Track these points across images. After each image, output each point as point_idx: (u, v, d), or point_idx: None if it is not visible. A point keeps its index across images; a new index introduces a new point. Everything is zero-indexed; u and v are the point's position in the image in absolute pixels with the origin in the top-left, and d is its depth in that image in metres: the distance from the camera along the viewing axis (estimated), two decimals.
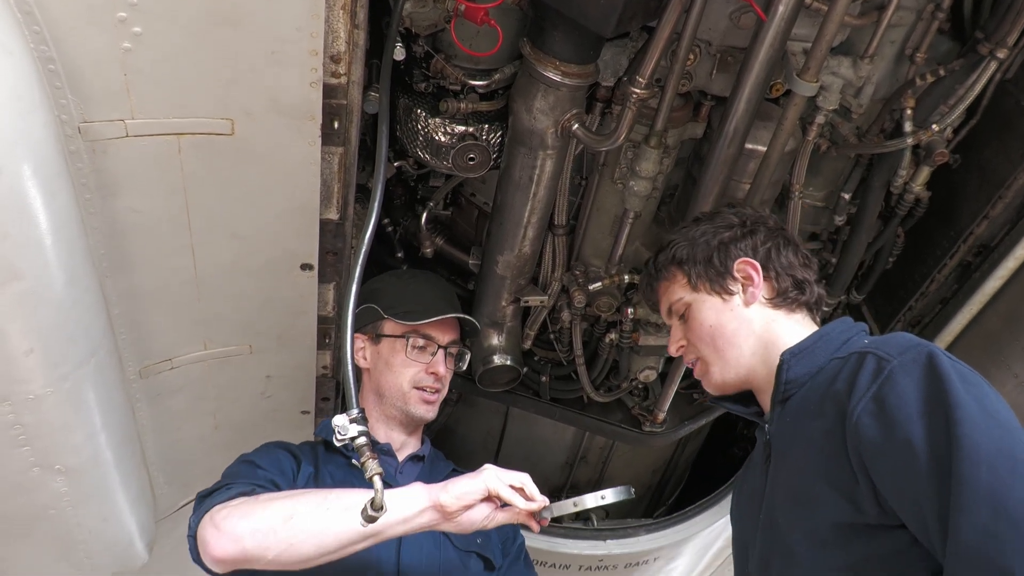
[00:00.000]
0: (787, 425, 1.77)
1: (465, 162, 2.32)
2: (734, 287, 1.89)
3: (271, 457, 2.29)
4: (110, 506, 2.44)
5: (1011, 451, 1.39)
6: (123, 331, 2.22)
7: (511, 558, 2.44)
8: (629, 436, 3.33)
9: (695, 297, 1.93)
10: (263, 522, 1.88)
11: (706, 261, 1.91)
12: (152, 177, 1.92)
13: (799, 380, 1.77)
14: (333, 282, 2.39)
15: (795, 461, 1.71)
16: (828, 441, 1.61)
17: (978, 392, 1.49)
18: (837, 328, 1.83)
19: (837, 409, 1.60)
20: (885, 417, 1.51)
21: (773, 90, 2.26)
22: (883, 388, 1.54)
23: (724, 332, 1.87)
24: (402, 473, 2.42)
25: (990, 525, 1.32)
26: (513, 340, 2.91)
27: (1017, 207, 2.54)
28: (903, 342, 1.62)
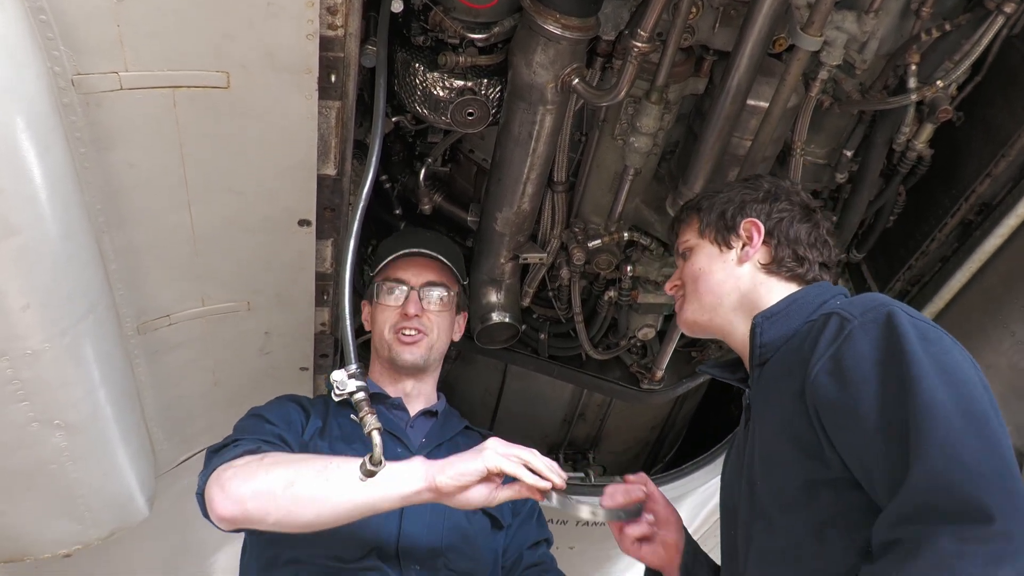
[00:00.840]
0: (763, 387, 1.80)
1: (464, 117, 2.30)
2: (734, 243, 1.95)
3: (281, 411, 2.32)
4: (110, 461, 2.46)
5: (967, 407, 1.40)
6: (120, 287, 2.22)
7: (522, 517, 2.45)
8: (627, 394, 3.35)
9: (699, 242, 2.01)
10: (265, 486, 1.92)
11: (720, 214, 1.98)
12: (147, 131, 1.90)
13: (774, 344, 1.80)
14: (331, 239, 2.38)
15: (767, 424, 1.74)
16: (795, 402, 1.64)
17: (937, 349, 1.50)
18: (812, 292, 1.85)
19: (802, 369, 1.63)
20: (841, 375, 1.54)
21: (776, 45, 2.23)
22: (841, 347, 1.57)
23: (709, 278, 1.95)
24: (413, 427, 2.43)
25: (944, 473, 1.33)
26: (512, 297, 2.91)
27: (1020, 165, 2.52)
28: (867, 302, 1.65)
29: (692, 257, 2.01)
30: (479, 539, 2.30)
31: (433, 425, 2.48)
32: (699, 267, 1.98)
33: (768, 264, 1.91)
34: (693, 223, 2.04)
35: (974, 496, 1.30)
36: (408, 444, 2.35)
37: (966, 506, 1.30)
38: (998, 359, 2.59)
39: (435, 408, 2.53)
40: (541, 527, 2.51)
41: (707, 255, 1.98)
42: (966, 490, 1.31)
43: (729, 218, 1.96)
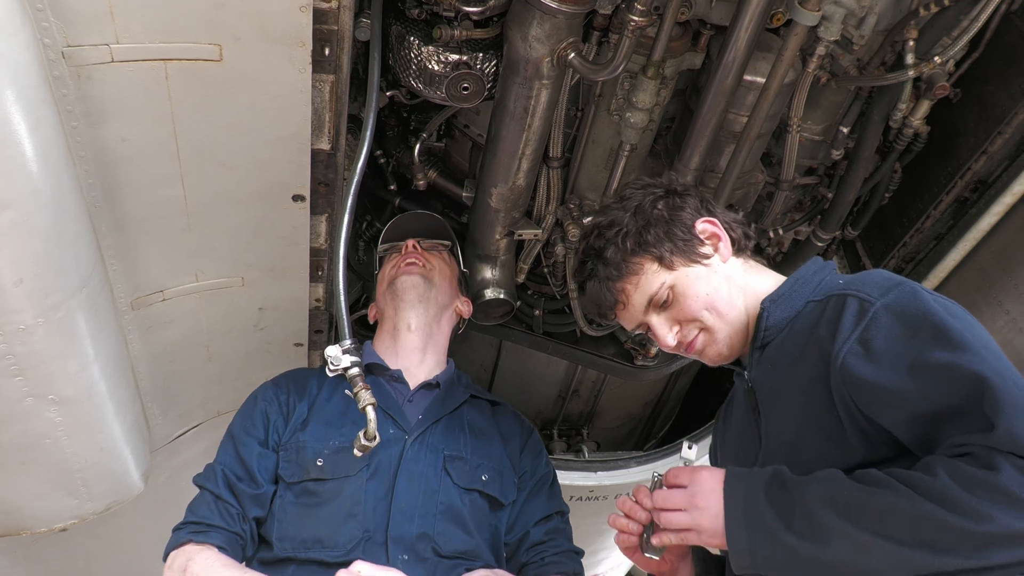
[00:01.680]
0: (768, 371, 1.78)
1: (459, 92, 2.28)
2: (706, 250, 1.84)
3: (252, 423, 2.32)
4: (105, 436, 2.46)
5: (1013, 376, 1.44)
6: (114, 262, 2.21)
7: (530, 491, 2.41)
8: (621, 370, 3.36)
9: (677, 275, 1.82)
10: None
11: (668, 236, 1.83)
12: (139, 104, 1.88)
13: (778, 326, 1.77)
14: (325, 214, 2.37)
15: (784, 409, 1.73)
16: (813, 387, 1.63)
17: (964, 324, 1.53)
18: (810, 270, 1.83)
19: (821, 354, 1.61)
20: (873, 356, 1.54)
21: (774, 20, 2.21)
22: (868, 330, 1.56)
23: (721, 295, 1.81)
24: (411, 402, 2.40)
25: (1022, 428, 1.35)
26: (506, 274, 2.90)
27: (1016, 143, 2.52)
28: (882, 281, 1.63)
29: (683, 292, 1.81)
30: (475, 519, 2.27)
31: (434, 399, 2.42)
32: (704, 293, 1.80)
33: (738, 251, 1.89)
34: (646, 267, 1.83)
35: None
36: (402, 423, 2.31)
37: None
38: (992, 336, 2.60)
39: (436, 379, 2.46)
40: (552, 500, 2.45)
41: (698, 278, 1.82)
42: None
43: (682, 233, 1.83)
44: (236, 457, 2.26)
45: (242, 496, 2.20)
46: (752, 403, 1.83)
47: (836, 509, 1.47)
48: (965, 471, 1.37)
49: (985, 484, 1.34)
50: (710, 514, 1.64)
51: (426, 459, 2.28)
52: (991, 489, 1.34)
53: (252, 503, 2.21)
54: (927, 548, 1.38)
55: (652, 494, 1.77)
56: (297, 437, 2.28)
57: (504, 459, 2.40)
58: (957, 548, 1.37)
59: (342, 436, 2.24)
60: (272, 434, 2.30)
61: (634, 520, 1.83)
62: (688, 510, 1.67)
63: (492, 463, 2.37)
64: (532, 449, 2.49)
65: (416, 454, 2.28)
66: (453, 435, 2.36)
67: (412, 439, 2.29)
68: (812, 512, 1.50)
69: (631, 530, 1.83)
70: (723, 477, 1.66)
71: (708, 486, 1.66)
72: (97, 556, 3.35)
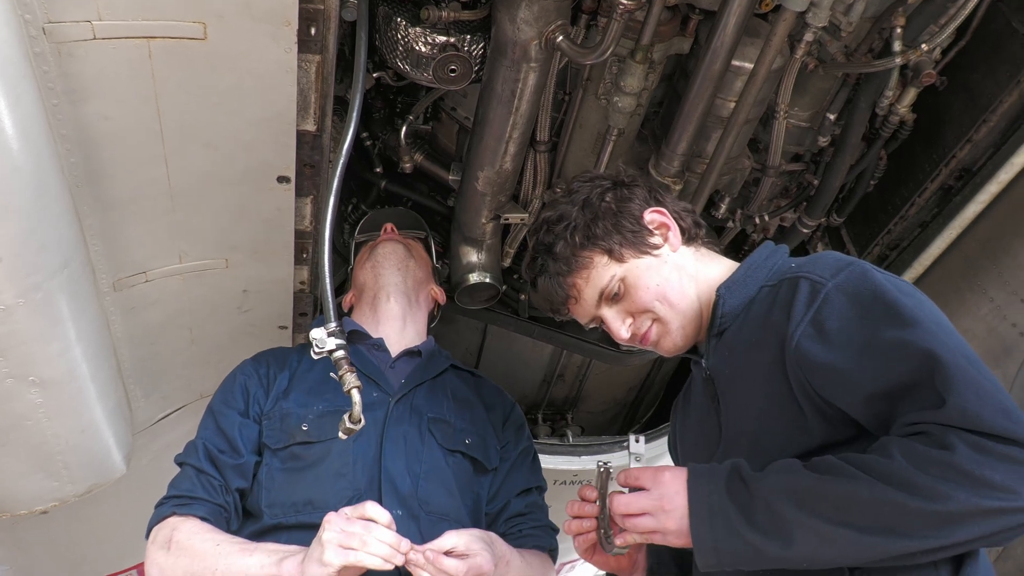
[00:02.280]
0: (725, 359, 1.78)
1: (446, 74, 2.26)
2: (655, 240, 1.84)
3: (231, 395, 2.31)
4: (87, 418, 2.44)
5: (964, 351, 1.45)
6: (96, 243, 2.19)
7: (512, 462, 2.43)
8: (606, 355, 3.36)
9: (627, 267, 1.81)
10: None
11: (617, 229, 1.82)
12: (122, 83, 1.86)
13: (733, 312, 1.77)
14: (310, 196, 2.35)
15: (744, 396, 1.73)
16: (772, 371, 1.63)
17: (914, 301, 1.54)
18: (762, 255, 1.82)
19: (777, 338, 1.62)
20: (826, 337, 1.54)
21: (762, 5, 2.21)
22: (821, 311, 1.56)
23: (672, 285, 1.81)
24: (393, 368, 2.41)
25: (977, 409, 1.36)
26: (492, 257, 2.90)
27: (1001, 131, 2.52)
28: (833, 263, 1.64)
29: (634, 283, 1.81)
30: (459, 482, 2.28)
31: (416, 365, 2.44)
32: (655, 284, 1.80)
33: (683, 239, 1.88)
34: (595, 261, 1.82)
35: (1014, 429, 1.35)
36: (385, 387, 2.32)
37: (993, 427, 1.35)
38: (976, 324, 2.62)
39: (417, 348, 2.47)
40: (534, 473, 2.47)
41: (648, 269, 1.81)
42: (1001, 423, 1.36)
43: (631, 224, 1.82)
44: (217, 430, 2.26)
45: (224, 468, 2.19)
46: (711, 391, 1.82)
47: (795, 501, 1.48)
48: (920, 451, 1.38)
49: (940, 463, 1.35)
50: (676, 516, 1.61)
51: (410, 420, 2.30)
52: (946, 467, 1.35)
53: (234, 474, 2.20)
54: (889, 532, 1.40)
55: (611, 497, 1.72)
56: (280, 405, 2.28)
57: (487, 426, 2.42)
58: (919, 529, 1.38)
59: (325, 401, 2.25)
60: (253, 405, 2.29)
61: (587, 517, 1.82)
62: (654, 514, 1.64)
63: (475, 428, 2.39)
64: (515, 422, 2.52)
65: (401, 415, 2.29)
66: (436, 399, 2.38)
67: (396, 400, 2.31)
68: (772, 506, 1.50)
69: (587, 528, 1.82)
70: (686, 477, 1.64)
71: (672, 488, 1.63)
72: (79, 539, 3.34)
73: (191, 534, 2.08)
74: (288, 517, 2.15)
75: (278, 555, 1.99)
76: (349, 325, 2.46)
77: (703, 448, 1.86)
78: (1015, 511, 1.34)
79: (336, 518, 1.92)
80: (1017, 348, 2.50)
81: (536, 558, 2.31)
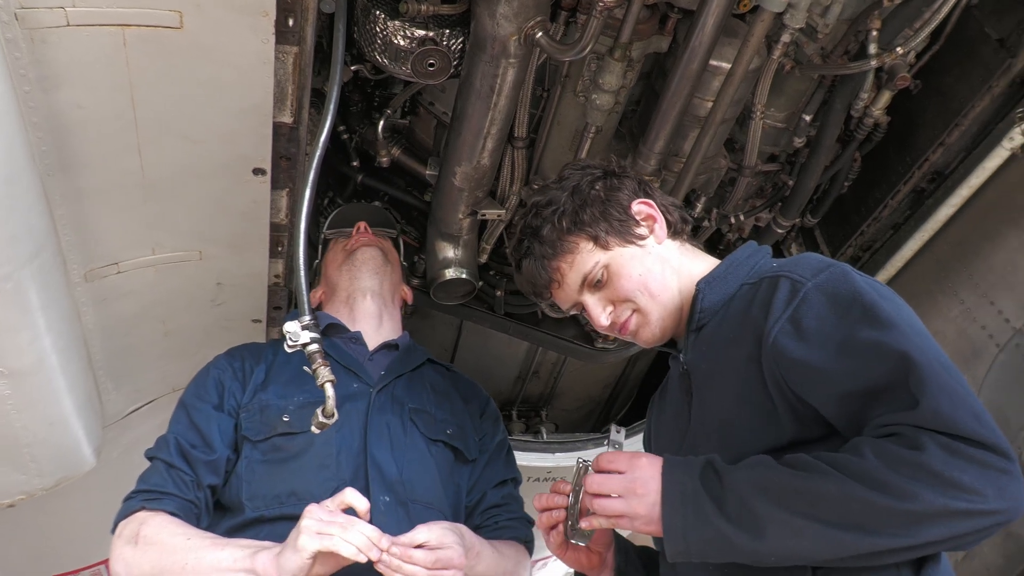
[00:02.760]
0: (703, 354, 1.79)
1: (424, 68, 2.25)
2: (641, 231, 1.86)
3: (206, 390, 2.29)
4: (56, 410, 2.41)
5: (938, 356, 1.47)
6: (68, 233, 2.16)
7: (490, 454, 2.44)
8: (581, 352, 3.37)
9: (611, 255, 1.83)
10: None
11: (604, 216, 1.84)
12: (96, 71, 1.83)
13: (712, 308, 1.79)
14: (286, 189, 2.33)
15: (718, 390, 1.74)
16: (748, 366, 1.65)
17: (892, 304, 1.56)
18: (744, 254, 1.85)
19: (755, 334, 1.64)
20: (803, 335, 1.56)
21: (740, 6, 2.22)
22: (799, 309, 1.58)
23: (654, 276, 1.83)
24: (371, 360, 2.41)
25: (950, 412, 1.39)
26: (469, 253, 2.89)
27: (973, 135, 2.56)
28: (815, 264, 1.66)
29: (617, 271, 1.82)
30: (441, 471, 2.29)
31: (394, 358, 2.44)
32: (637, 273, 1.82)
33: (669, 233, 1.90)
34: (581, 246, 1.84)
35: (974, 428, 1.38)
36: (365, 378, 2.32)
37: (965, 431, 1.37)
38: (946, 326, 2.66)
39: (395, 341, 2.48)
40: (509, 466, 2.48)
41: (632, 258, 1.83)
42: (972, 426, 1.38)
43: (618, 214, 1.84)
44: (189, 424, 2.22)
45: (196, 463, 2.17)
46: (686, 385, 1.84)
47: (767, 495, 1.49)
48: (891, 451, 1.40)
49: (911, 463, 1.37)
50: (648, 501, 1.62)
51: (392, 410, 2.30)
52: (916, 467, 1.37)
53: (207, 470, 2.17)
54: (858, 529, 1.41)
55: (585, 479, 1.72)
56: (259, 397, 2.26)
57: (466, 417, 2.44)
58: (886, 528, 1.39)
59: (306, 392, 2.23)
60: (228, 399, 2.27)
61: (557, 508, 1.82)
62: (625, 496, 1.64)
63: (455, 419, 2.40)
64: (491, 414, 2.54)
65: (383, 405, 2.29)
66: (416, 391, 2.39)
67: (377, 391, 2.30)
68: (745, 498, 1.51)
69: (556, 519, 1.82)
70: (661, 464, 1.65)
71: (647, 473, 1.64)
72: (46, 532, 3.29)
73: (159, 528, 2.05)
74: (271, 509, 2.13)
75: (251, 548, 1.97)
76: (326, 319, 2.45)
77: (674, 439, 1.87)
78: (982, 514, 1.36)
79: (316, 508, 1.91)
80: (986, 350, 2.54)
81: (511, 549, 2.32)
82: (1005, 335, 2.49)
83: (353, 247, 2.60)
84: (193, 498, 2.15)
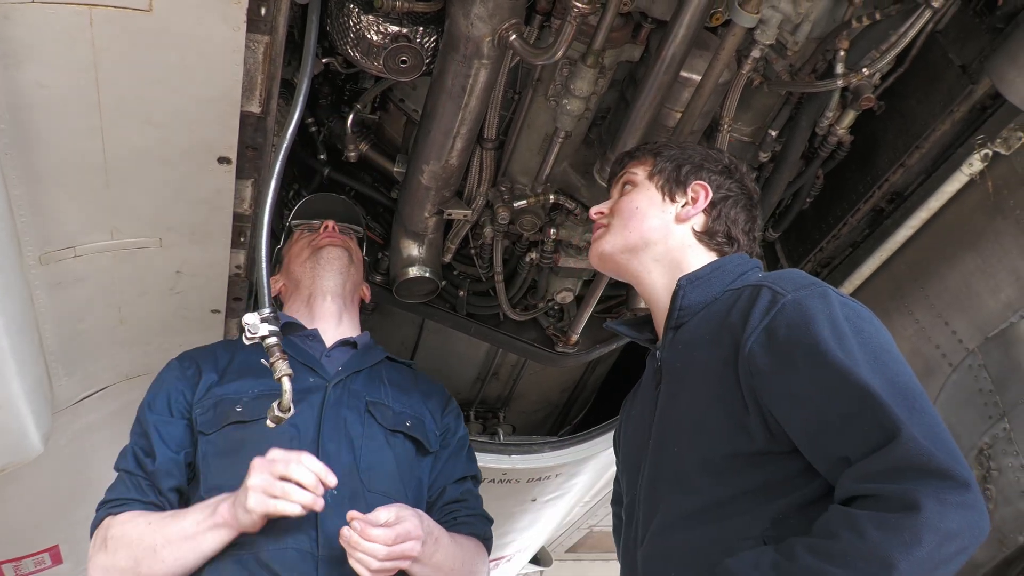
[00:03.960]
0: (679, 352, 1.82)
1: (396, 64, 2.24)
2: (679, 198, 1.95)
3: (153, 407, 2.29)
4: (4, 394, 2.35)
5: (907, 384, 1.51)
6: (23, 214, 2.11)
7: (451, 450, 2.45)
8: (542, 355, 3.38)
9: (645, 182, 1.98)
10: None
11: (676, 166, 1.97)
12: (60, 50, 1.80)
13: (692, 308, 1.82)
14: (251, 179, 2.31)
15: (691, 389, 1.76)
16: (725, 370, 1.67)
17: (871, 328, 1.60)
18: (733, 261, 1.89)
19: (732, 340, 1.66)
20: (776, 347, 1.59)
21: (713, 19, 2.24)
22: (775, 320, 1.61)
23: (642, 220, 1.94)
24: (329, 357, 2.40)
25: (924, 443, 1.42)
26: (433, 252, 2.89)
27: (933, 158, 2.61)
28: (798, 279, 1.69)
29: (633, 193, 1.99)
30: (400, 463, 2.30)
31: (352, 355, 2.44)
32: (636, 205, 1.96)
33: (701, 232, 1.94)
34: (646, 162, 2.01)
35: (951, 465, 1.41)
36: (322, 373, 2.32)
37: (946, 473, 1.40)
38: (901, 344, 2.67)
39: (353, 339, 2.48)
40: (470, 463, 2.49)
41: (648, 198, 1.96)
42: (942, 459, 1.41)
43: (683, 174, 1.96)
44: (142, 433, 2.25)
45: (153, 470, 2.18)
46: (657, 380, 1.87)
47: None
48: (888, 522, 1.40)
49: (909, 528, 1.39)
50: None
51: (348, 403, 2.30)
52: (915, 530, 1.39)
53: (163, 475, 2.18)
54: None
55: None
56: (213, 391, 2.27)
57: (425, 411, 2.44)
58: None
59: (261, 385, 2.23)
60: (177, 401, 2.27)
61: None
62: None
63: (414, 412, 2.40)
64: (453, 410, 2.55)
65: (339, 398, 2.29)
66: (374, 385, 2.40)
67: (333, 384, 2.31)
68: None
69: None
70: None
71: None
72: None
73: (122, 525, 2.09)
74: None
75: (209, 507, 2.03)
76: (282, 319, 2.41)
77: (639, 438, 1.89)
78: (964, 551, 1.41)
79: (261, 462, 1.96)
80: (939, 369, 2.59)
81: (470, 543, 2.32)
82: (958, 355, 2.54)
83: (319, 245, 2.56)
84: (156, 500, 2.17)
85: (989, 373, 2.44)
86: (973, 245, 2.51)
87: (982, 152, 2.43)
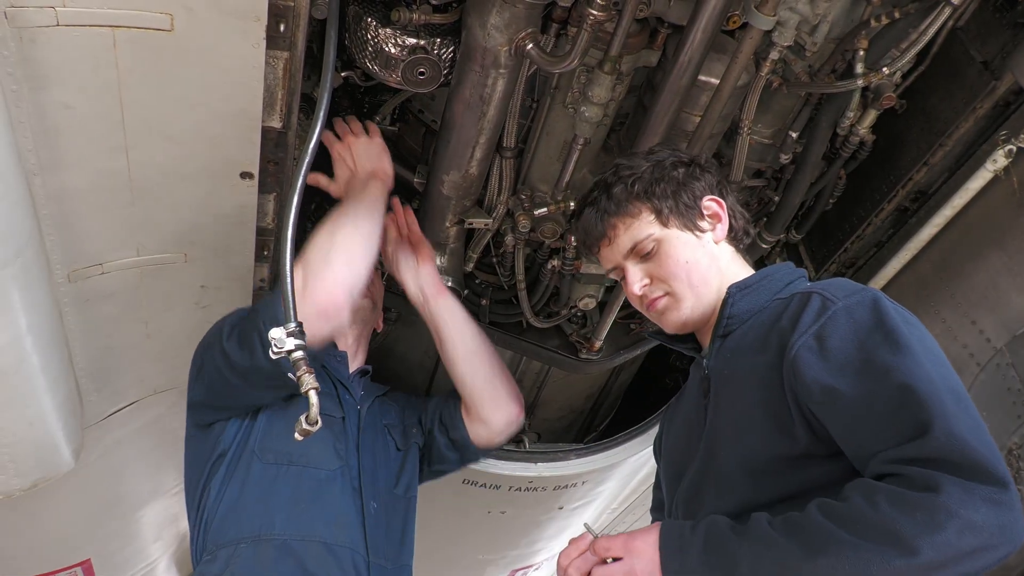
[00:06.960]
0: (726, 360, 1.81)
1: (415, 76, 2.26)
2: (704, 224, 1.92)
3: None
4: (35, 411, 2.39)
5: (955, 387, 1.50)
6: (51, 233, 2.14)
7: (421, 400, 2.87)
8: (565, 362, 3.37)
9: (667, 233, 1.89)
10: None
11: (675, 197, 1.89)
12: (85, 71, 1.83)
13: (741, 316, 1.81)
14: (273, 193, 2.33)
15: (737, 393, 1.76)
16: (770, 374, 1.67)
17: (919, 333, 1.59)
18: (781, 271, 1.89)
19: (780, 344, 1.66)
20: (825, 352, 1.58)
21: (730, 22, 2.23)
22: (825, 327, 1.61)
23: (699, 268, 1.88)
24: (352, 381, 2.62)
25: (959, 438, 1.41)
26: (455, 262, 2.90)
27: (957, 155, 2.58)
28: (848, 286, 1.69)
29: (667, 251, 1.88)
30: (390, 464, 2.57)
31: (366, 382, 2.68)
32: (684, 259, 1.87)
33: (731, 239, 1.95)
34: (643, 215, 1.91)
35: (989, 462, 1.39)
36: (354, 393, 2.55)
37: (980, 468, 1.38)
38: None
39: (367, 368, 2.74)
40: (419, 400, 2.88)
41: (685, 244, 1.89)
42: (979, 456, 1.39)
43: (688, 200, 1.90)
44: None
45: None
46: (704, 389, 1.86)
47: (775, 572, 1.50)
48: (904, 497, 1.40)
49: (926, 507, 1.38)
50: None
51: (374, 424, 2.58)
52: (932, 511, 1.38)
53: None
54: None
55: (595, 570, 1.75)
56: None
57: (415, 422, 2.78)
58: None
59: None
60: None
61: None
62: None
63: (410, 425, 2.73)
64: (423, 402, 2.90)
65: (369, 420, 2.56)
66: (386, 407, 2.71)
67: (365, 408, 2.56)
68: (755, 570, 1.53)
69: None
70: (658, 542, 1.67)
71: (646, 556, 1.67)
72: (25, 533, 3.26)
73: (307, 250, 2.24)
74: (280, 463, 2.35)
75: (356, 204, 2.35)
76: None
77: (687, 440, 1.89)
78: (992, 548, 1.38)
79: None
80: (967, 369, 2.55)
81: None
82: (986, 355, 2.51)
83: None
84: None
85: (1017, 372, 2.40)
86: (999, 242, 2.48)
87: (1006, 148, 2.40)
